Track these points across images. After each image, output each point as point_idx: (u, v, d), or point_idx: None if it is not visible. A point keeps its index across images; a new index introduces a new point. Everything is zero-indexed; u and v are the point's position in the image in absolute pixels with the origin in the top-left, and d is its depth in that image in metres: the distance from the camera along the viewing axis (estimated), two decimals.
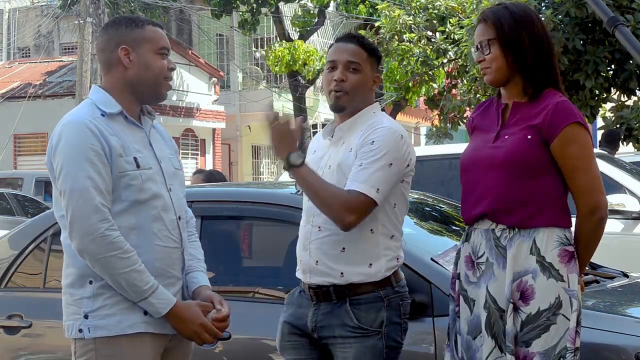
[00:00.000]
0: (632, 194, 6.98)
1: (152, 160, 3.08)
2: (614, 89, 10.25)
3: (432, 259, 3.88)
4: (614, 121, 10.22)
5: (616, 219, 6.78)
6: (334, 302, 3.32)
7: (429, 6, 11.39)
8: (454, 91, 11.80)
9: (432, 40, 11.22)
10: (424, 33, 11.28)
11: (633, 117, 10.00)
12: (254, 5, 23.46)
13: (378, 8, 12.52)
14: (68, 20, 25.85)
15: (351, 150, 3.33)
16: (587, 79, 9.67)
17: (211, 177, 6.87)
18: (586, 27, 9.72)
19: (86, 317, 2.96)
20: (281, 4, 24.06)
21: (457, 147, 7.07)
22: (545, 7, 9.93)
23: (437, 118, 12.40)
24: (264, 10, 23.92)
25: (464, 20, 10.87)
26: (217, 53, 28.79)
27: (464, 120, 11.11)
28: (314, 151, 3.52)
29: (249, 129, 26.93)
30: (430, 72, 11.65)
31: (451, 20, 11.10)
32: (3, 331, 4.40)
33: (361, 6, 22.74)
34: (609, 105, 10.71)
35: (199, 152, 26.17)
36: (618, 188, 6.99)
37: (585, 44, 9.64)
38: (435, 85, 12.53)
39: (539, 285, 3.06)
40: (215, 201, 4.51)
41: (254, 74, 28.20)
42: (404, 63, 11.53)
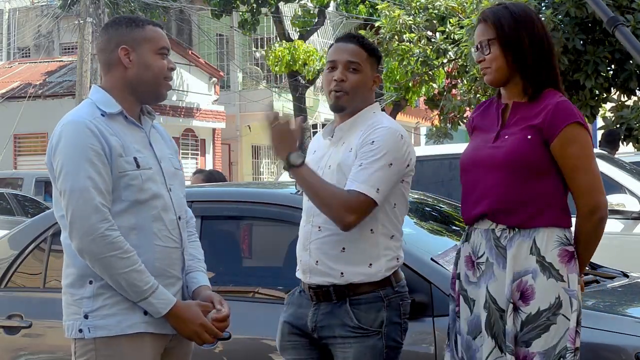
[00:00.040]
0: (632, 194, 6.98)
1: (152, 160, 3.08)
2: (614, 89, 10.25)
3: (432, 259, 3.87)
4: (614, 121, 10.22)
5: (616, 219, 6.77)
6: (334, 302, 3.32)
7: (429, 6, 11.39)
8: (454, 91, 11.80)
9: (432, 40, 11.22)
10: (424, 33, 11.28)
11: (633, 117, 10.00)
12: (254, 5, 23.46)
13: (378, 8, 12.52)
14: (68, 20, 25.86)
15: (351, 150, 3.32)
16: (587, 79, 9.67)
17: (211, 177, 6.87)
18: (586, 27, 9.72)
19: (86, 317, 2.96)
20: (281, 4, 24.05)
21: (457, 147, 7.07)
22: (545, 7, 9.93)
23: (437, 118, 12.40)
24: (264, 10, 23.92)
25: (464, 20, 10.87)
26: (217, 53, 28.79)
27: (464, 120, 11.11)
28: (314, 151, 3.52)
29: (249, 129, 26.92)
30: (430, 72, 11.64)
31: (451, 20, 11.10)
32: (3, 331, 4.40)
33: (361, 6, 22.74)
34: (609, 105, 10.71)
35: (199, 152, 26.17)
36: (618, 188, 6.98)
37: (585, 44, 9.64)
38: (435, 85, 12.53)
39: (539, 285, 3.05)
40: (215, 201, 4.51)
41: (254, 74, 28.20)
42: (404, 63, 11.53)
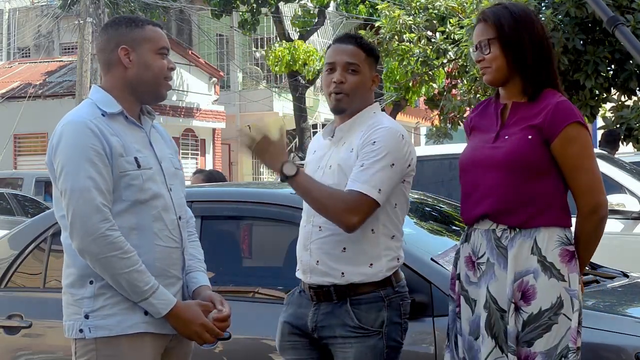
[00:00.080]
0: (632, 194, 6.98)
1: (153, 160, 3.08)
2: (614, 89, 10.25)
3: (432, 259, 3.87)
4: (614, 121, 10.22)
5: (616, 219, 6.77)
6: (334, 302, 3.32)
7: (429, 6, 11.39)
8: (454, 91, 11.80)
9: (432, 40, 11.22)
10: (424, 33, 11.28)
11: (633, 117, 10.00)
12: (254, 5, 23.46)
13: (378, 8, 12.51)
14: (68, 20, 25.87)
15: (352, 150, 3.32)
16: (587, 79, 9.67)
17: (211, 177, 6.87)
18: (586, 27, 9.72)
19: (87, 317, 2.96)
20: (281, 4, 24.06)
21: (457, 147, 7.07)
22: (545, 7, 9.93)
23: (437, 118, 12.40)
24: (264, 10, 23.92)
25: (464, 20, 10.87)
26: (217, 53, 28.79)
27: (463, 120, 11.10)
28: (314, 151, 3.52)
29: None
30: (430, 72, 11.64)
31: (451, 20, 11.10)
32: (3, 331, 4.40)
33: (361, 6, 22.74)
34: (609, 105, 10.71)
35: (199, 152, 26.17)
36: (618, 188, 6.98)
37: (585, 44, 9.64)
38: (435, 85, 12.53)
39: (540, 285, 3.05)
40: (215, 201, 4.51)
41: (254, 74, 28.20)
42: (404, 63, 11.53)
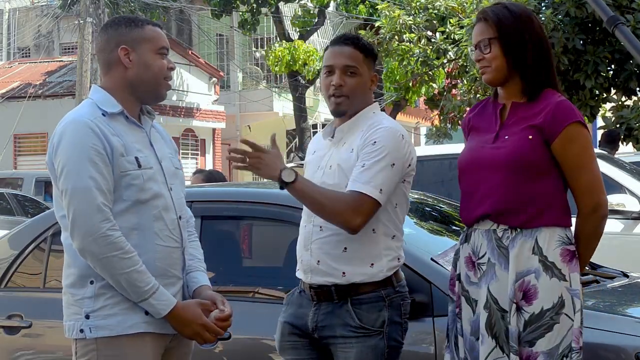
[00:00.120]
0: (632, 194, 6.97)
1: (153, 159, 3.08)
2: (614, 89, 10.26)
3: (432, 259, 3.87)
4: (614, 121, 10.23)
5: (616, 219, 6.77)
6: (335, 302, 3.32)
7: (429, 6, 11.39)
8: (454, 91, 11.80)
9: (432, 40, 11.22)
10: (424, 33, 11.28)
11: (633, 117, 10.01)
12: (254, 5, 23.46)
13: (378, 8, 12.52)
14: (68, 20, 25.86)
15: (352, 150, 3.32)
16: (587, 79, 9.68)
17: (211, 177, 6.86)
18: (586, 27, 9.73)
19: (87, 317, 2.96)
20: (281, 4, 24.06)
21: (457, 147, 7.06)
22: (545, 7, 9.94)
23: (437, 118, 12.41)
24: (264, 10, 23.92)
25: (464, 20, 10.87)
26: (217, 53, 28.78)
27: (461, 121, 11.10)
28: (314, 152, 3.52)
29: (249, 129, 26.92)
30: (430, 72, 11.65)
31: (451, 20, 11.10)
32: (3, 331, 4.40)
33: (361, 6, 22.74)
34: (608, 105, 10.71)
35: (199, 152, 26.17)
36: (618, 188, 6.98)
37: (585, 44, 9.65)
38: (435, 85, 12.53)
39: (542, 285, 3.05)
40: (215, 201, 4.51)
41: (254, 74, 28.19)
42: (404, 63, 11.53)
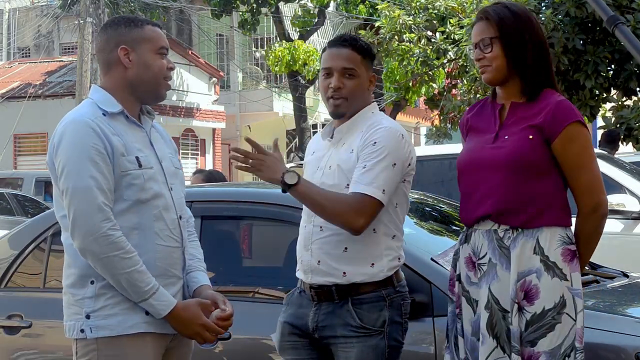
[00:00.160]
0: (632, 194, 6.97)
1: (154, 159, 3.08)
2: (614, 89, 10.26)
3: (432, 259, 3.87)
4: (614, 121, 10.23)
5: (616, 219, 6.77)
6: (335, 302, 3.32)
7: (429, 6, 11.39)
8: (454, 91, 11.80)
9: (432, 40, 11.22)
10: (424, 33, 11.28)
11: (633, 117, 10.01)
12: (254, 5, 23.46)
13: (378, 8, 12.52)
14: (68, 20, 25.86)
15: (352, 151, 3.32)
16: (587, 79, 9.68)
17: (211, 177, 6.86)
18: (586, 27, 9.73)
19: (88, 317, 2.96)
20: (281, 4, 24.06)
21: (457, 147, 7.05)
22: (545, 7, 9.94)
23: (437, 118, 12.41)
24: (264, 10, 23.93)
25: (464, 20, 10.87)
26: (217, 53, 28.78)
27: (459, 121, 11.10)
28: (313, 152, 3.52)
29: (249, 129, 26.92)
30: (430, 72, 11.65)
31: (451, 20, 11.10)
32: (3, 331, 4.40)
33: (361, 6, 22.74)
34: (608, 105, 10.71)
35: (199, 152, 26.17)
36: (618, 188, 6.97)
37: (585, 44, 9.65)
38: (435, 85, 12.53)
39: (543, 285, 3.05)
40: (215, 201, 4.51)
41: (254, 74, 28.19)
42: (404, 63, 11.54)
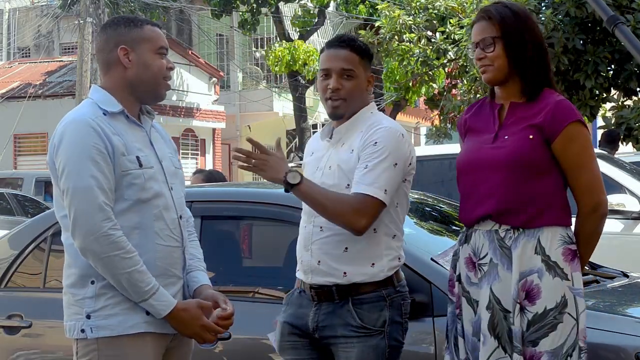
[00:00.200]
0: (632, 194, 6.97)
1: (154, 159, 3.08)
2: (614, 89, 10.26)
3: (432, 259, 3.87)
4: (614, 121, 10.23)
5: (616, 219, 6.77)
6: (335, 302, 3.32)
7: (429, 6, 11.39)
8: (454, 91, 11.80)
9: (432, 40, 11.22)
10: (424, 33, 11.28)
11: (633, 117, 10.01)
12: (254, 5, 23.46)
13: (378, 8, 12.52)
14: (68, 20, 25.85)
15: (352, 151, 3.32)
16: (587, 79, 9.68)
17: (211, 177, 6.86)
18: (586, 27, 9.73)
19: (88, 317, 2.96)
20: (281, 4, 24.05)
21: (457, 147, 7.03)
22: (545, 7, 9.94)
23: (437, 118, 12.41)
24: (264, 10, 23.92)
25: (464, 20, 10.87)
26: (217, 53, 28.78)
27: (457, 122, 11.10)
28: (312, 153, 3.51)
29: (249, 129, 26.92)
30: (430, 72, 11.65)
31: (451, 20, 11.10)
32: (3, 331, 4.40)
33: (361, 6, 22.74)
34: (608, 105, 10.71)
35: (199, 152, 26.16)
36: (618, 188, 6.97)
37: (585, 44, 9.65)
38: (435, 85, 12.53)
39: (545, 285, 3.05)
40: (215, 201, 4.51)
41: (254, 74, 28.19)
42: (404, 63, 11.54)
